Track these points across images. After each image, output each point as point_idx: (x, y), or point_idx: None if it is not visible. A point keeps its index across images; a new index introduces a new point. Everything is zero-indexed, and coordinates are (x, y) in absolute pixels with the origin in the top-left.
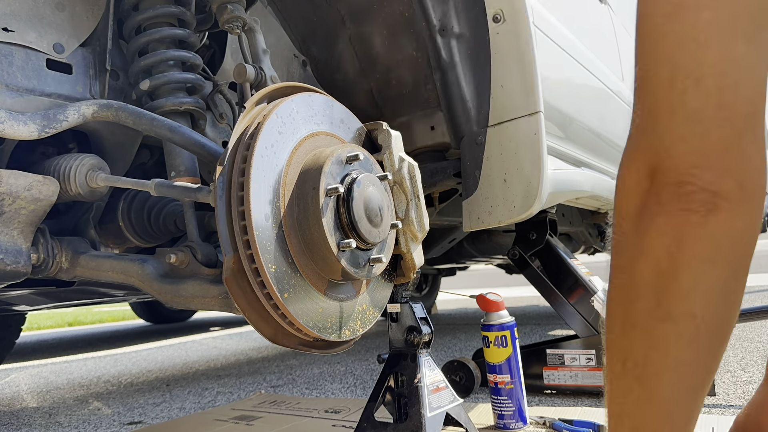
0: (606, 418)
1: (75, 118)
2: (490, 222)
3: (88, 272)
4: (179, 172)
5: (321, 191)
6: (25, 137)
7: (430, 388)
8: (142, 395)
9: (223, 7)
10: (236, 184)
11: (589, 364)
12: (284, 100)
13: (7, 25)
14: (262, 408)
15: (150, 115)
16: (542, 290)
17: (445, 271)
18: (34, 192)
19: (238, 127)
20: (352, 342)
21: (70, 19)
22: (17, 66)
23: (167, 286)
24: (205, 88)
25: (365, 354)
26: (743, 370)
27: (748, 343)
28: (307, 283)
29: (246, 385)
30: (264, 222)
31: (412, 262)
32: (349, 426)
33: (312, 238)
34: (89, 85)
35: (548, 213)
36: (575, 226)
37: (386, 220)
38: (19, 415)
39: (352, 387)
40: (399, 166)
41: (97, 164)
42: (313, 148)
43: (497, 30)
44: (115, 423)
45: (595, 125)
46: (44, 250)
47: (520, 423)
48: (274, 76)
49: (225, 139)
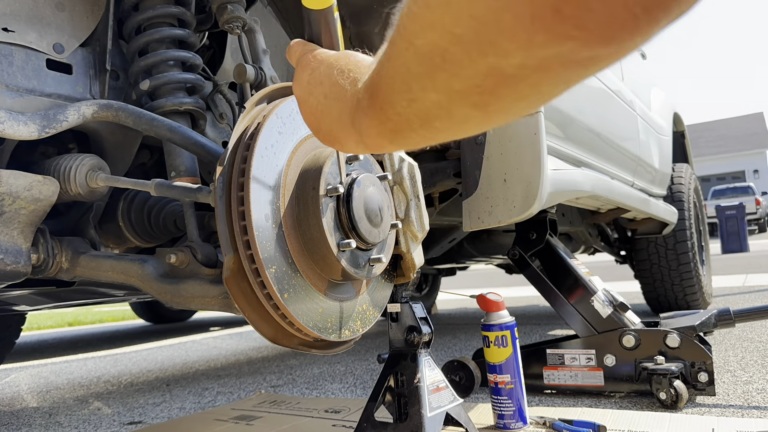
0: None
1: (75, 118)
2: (490, 222)
3: (88, 272)
4: (179, 172)
5: (321, 191)
6: (25, 137)
7: (430, 388)
8: (142, 395)
9: (223, 7)
10: (236, 184)
11: (589, 364)
12: (284, 101)
13: (7, 25)
14: (262, 408)
15: (150, 115)
16: (542, 290)
17: (445, 271)
18: (34, 192)
19: (238, 128)
20: (352, 342)
21: (70, 19)
22: (17, 66)
23: (167, 286)
24: (205, 88)
25: (365, 354)
26: (743, 370)
27: (748, 343)
28: (307, 283)
29: (246, 385)
30: (264, 222)
31: (412, 262)
32: (349, 426)
33: (312, 238)
34: (89, 85)
35: (548, 213)
36: (575, 226)
37: (386, 220)
38: (19, 415)
39: (352, 387)
40: (399, 166)
41: (97, 164)
42: (313, 149)
43: None
44: (115, 423)
45: (595, 125)
46: (44, 250)
47: (520, 423)
48: (274, 76)
49: (225, 139)
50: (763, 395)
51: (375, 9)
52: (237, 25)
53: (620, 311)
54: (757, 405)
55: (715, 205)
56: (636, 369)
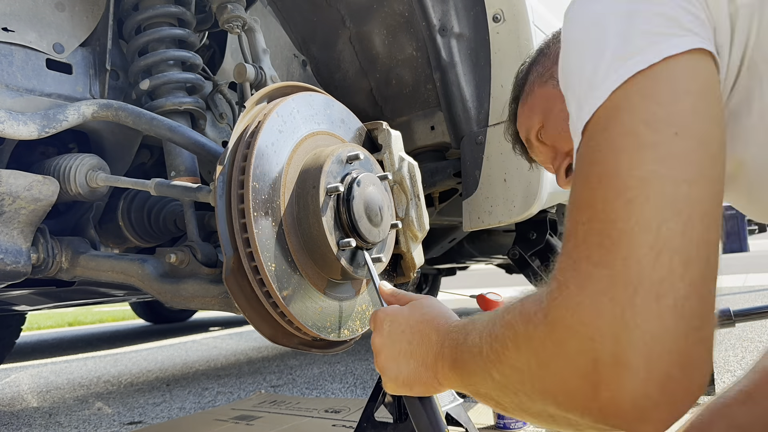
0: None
1: (75, 117)
2: (490, 222)
3: (88, 272)
4: (179, 171)
5: (321, 190)
6: (25, 137)
7: None
8: (142, 395)
9: (223, 6)
10: (236, 182)
11: None
12: (284, 100)
13: (7, 25)
14: (262, 408)
15: (150, 115)
16: None
17: (445, 271)
18: (34, 192)
19: (239, 126)
20: (352, 342)
21: (69, 19)
22: (17, 66)
23: (167, 286)
24: (205, 88)
25: (365, 354)
26: (743, 370)
27: (748, 343)
28: (307, 282)
29: (246, 385)
30: (263, 220)
31: (412, 261)
32: (349, 426)
33: (312, 237)
34: (89, 85)
35: (548, 213)
36: None
37: (386, 220)
38: (19, 415)
39: (352, 387)
40: (399, 166)
41: (97, 164)
42: (314, 148)
43: (497, 30)
44: (115, 423)
45: None
46: (44, 250)
47: (520, 423)
48: (274, 75)
49: (225, 138)
50: None
51: (375, 9)
52: (237, 25)
53: None
54: None
55: None
56: None
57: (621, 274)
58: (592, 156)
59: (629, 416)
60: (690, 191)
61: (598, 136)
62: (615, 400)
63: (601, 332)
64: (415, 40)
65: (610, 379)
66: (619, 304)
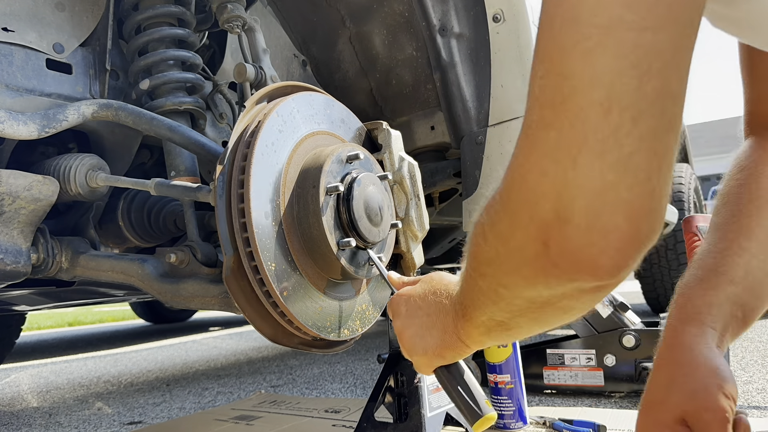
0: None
1: (75, 117)
2: None
3: (88, 272)
4: (179, 171)
5: (321, 190)
6: (25, 137)
7: (430, 388)
8: (142, 395)
9: (223, 6)
10: (236, 181)
11: (589, 364)
12: (285, 99)
13: (7, 25)
14: (262, 408)
15: (150, 115)
16: None
17: (445, 271)
18: (34, 192)
19: (239, 126)
20: (352, 342)
21: (69, 19)
22: (17, 66)
23: (167, 286)
24: (205, 88)
25: (365, 354)
26: (743, 370)
27: (748, 343)
28: (307, 281)
29: (246, 385)
30: (264, 220)
31: (412, 261)
32: (349, 426)
33: (312, 237)
34: (89, 84)
35: None
36: None
37: (386, 220)
38: (19, 415)
39: (352, 387)
40: (399, 166)
41: (97, 164)
42: (314, 147)
43: (497, 30)
44: (115, 423)
45: None
46: (44, 250)
47: (520, 423)
48: (274, 75)
49: (225, 138)
50: (763, 395)
51: (375, 9)
52: (237, 25)
53: (620, 311)
54: (757, 405)
55: None
56: (636, 369)
57: (567, 134)
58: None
59: (583, 265)
60: (655, 39)
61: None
62: (564, 252)
63: (546, 195)
64: (415, 40)
65: (556, 234)
66: (561, 165)
